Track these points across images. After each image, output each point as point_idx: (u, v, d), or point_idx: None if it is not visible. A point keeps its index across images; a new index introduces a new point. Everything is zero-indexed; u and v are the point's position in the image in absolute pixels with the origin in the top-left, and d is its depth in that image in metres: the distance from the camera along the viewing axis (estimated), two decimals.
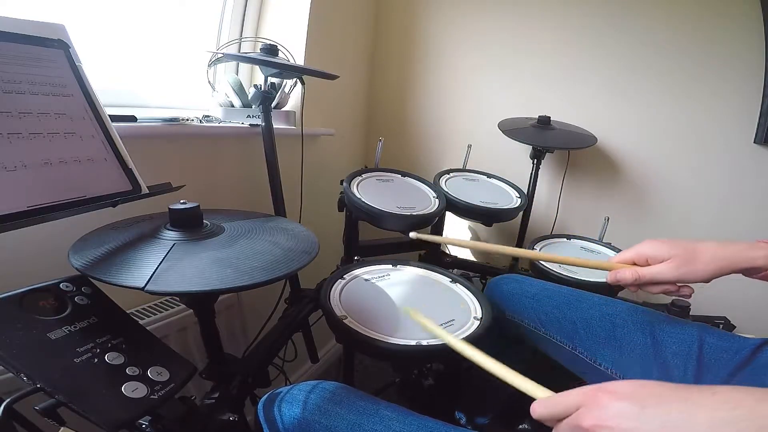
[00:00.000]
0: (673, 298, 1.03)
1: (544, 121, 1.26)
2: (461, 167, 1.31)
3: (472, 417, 0.94)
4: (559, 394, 0.36)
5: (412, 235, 0.58)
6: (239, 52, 1.12)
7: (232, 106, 1.03)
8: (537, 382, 0.39)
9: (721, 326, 1.02)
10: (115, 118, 0.62)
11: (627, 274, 0.58)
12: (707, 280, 0.56)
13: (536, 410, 0.37)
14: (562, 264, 0.65)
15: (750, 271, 0.54)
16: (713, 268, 0.54)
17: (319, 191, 1.30)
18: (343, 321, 0.66)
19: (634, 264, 0.59)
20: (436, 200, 1.06)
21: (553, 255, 0.68)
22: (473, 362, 0.45)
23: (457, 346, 0.47)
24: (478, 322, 0.71)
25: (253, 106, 0.97)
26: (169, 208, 0.57)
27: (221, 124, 0.98)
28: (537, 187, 1.31)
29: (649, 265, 0.58)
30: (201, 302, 0.58)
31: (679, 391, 0.31)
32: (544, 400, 0.37)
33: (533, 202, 1.33)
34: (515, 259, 1.33)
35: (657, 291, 0.59)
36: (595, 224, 1.21)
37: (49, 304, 0.43)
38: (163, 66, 1.01)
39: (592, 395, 0.33)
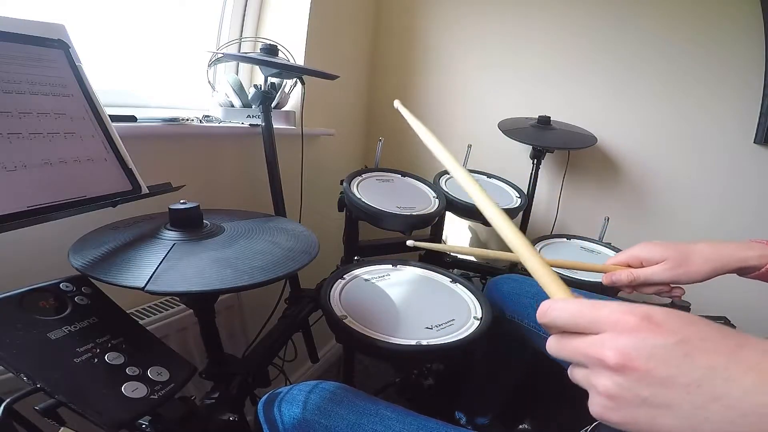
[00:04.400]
0: (673, 299, 1.03)
1: (544, 121, 1.25)
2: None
3: (472, 417, 0.94)
4: (588, 301, 0.28)
5: (410, 243, 0.59)
6: (239, 52, 1.12)
7: (232, 106, 1.03)
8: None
9: None
10: (115, 118, 0.62)
11: (622, 275, 0.59)
12: (701, 281, 0.56)
13: (549, 312, 0.29)
14: (559, 267, 0.66)
15: (743, 271, 0.55)
16: (706, 270, 0.55)
17: (319, 191, 1.30)
18: (343, 321, 0.66)
19: (629, 266, 0.60)
20: (436, 200, 1.06)
21: (550, 259, 0.70)
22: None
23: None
24: (478, 322, 0.71)
25: (253, 106, 0.97)
26: (169, 208, 0.57)
27: (221, 124, 0.98)
28: (537, 187, 1.31)
29: (643, 267, 0.59)
30: (201, 302, 0.58)
31: (730, 341, 0.25)
32: (563, 304, 0.28)
33: (533, 202, 1.33)
34: None
35: (651, 291, 0.60)
36: (595, 224, 1.21)
37: (49, 304, 0.43)
38: (163, 66, 1.01)
39: (630, 320, 0.25)
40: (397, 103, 0.59)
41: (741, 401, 0.23)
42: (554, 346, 0.29)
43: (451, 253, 1.27)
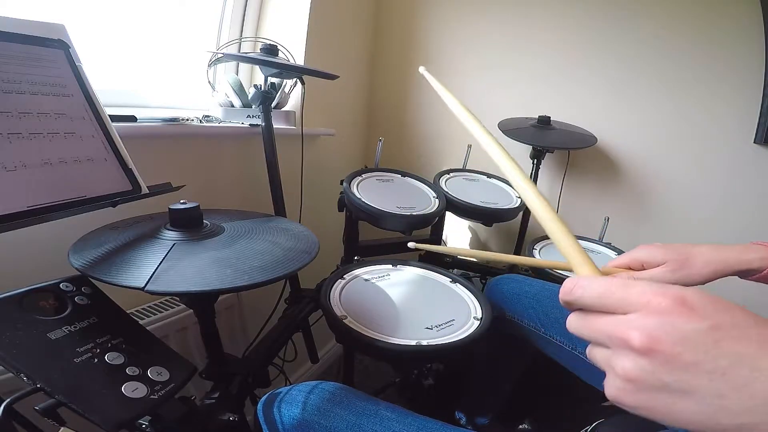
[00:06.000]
0: None
1: (544, 121, 1.26)
2: (461, 167, 1.31)
3: (472, 417, 0.94)
4: (617, 280, 0.26)
5: (411, 245, 0.59)
6: (239, 52, 1.12)
7: (232, 106, 1.03)
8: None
9: None
10: (115, 118, 0.62)
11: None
12: (702, 284, 0.56)
13: (575, 290, 0.27)
14: (558, 269, 0.66)
15: (744, 274, 0.55)
16: (708, 272, 0.55)
17: (319, 191, 1.30)
18: (343, 321, 0.66)
19: (630, 269, 0.60)
20: (436, 200, 1.06)
21: (550, 261, 0.70)
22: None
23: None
24: (478, 322, 0.71)
25: (253, 106, 0.97)
26: (169, 208, 0.57)
27: (221, 124, 0.98)
28: (537, 187, 1.31)
29: (644, 269, 0.58)
30: (201, 302, 0.58)
31: (763, 330, 0.24)
32: (589, 279, 0.27)
33: None
34: None
35: None
36: (595, 224, 1.21)
37: (49, 304, 0.43)
38: (163, 66, 1.01)
39: (662, 301, 0.24)
40: (422, 69, 0.54)
41: (765, 391, 0.22)
42: (575, 323, 0.28)
43: (454, 255, 1.27)
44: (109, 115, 0.58)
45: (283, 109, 1.12)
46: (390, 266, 0.89)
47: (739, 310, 0.25)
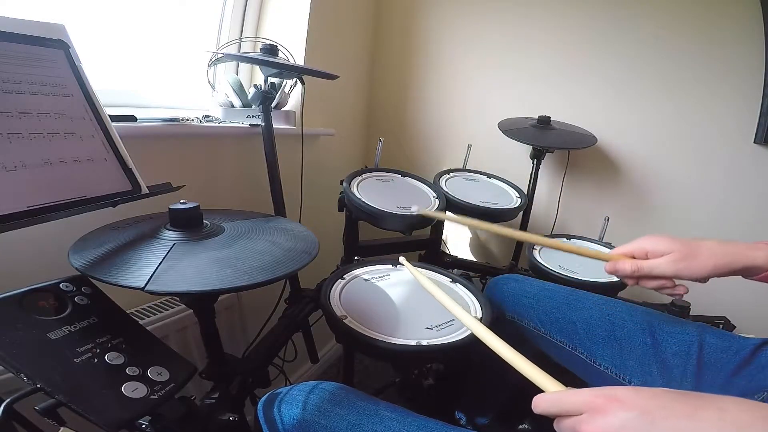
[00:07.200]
0: (673, 298, 1.03)
1: (544, 121, 1.26)
2: (461, 167, 1.31)
3: (472, 417, 0.94)
4: (567, 391, 0.35)
5: (414, 209, 0.60)
6: (239, 52, 1.12)
7: (232, 106, 1.03)
8: (536, 383, 0.38)
9: (721, 326, 1.02)
10: (115, 118, 0.63)
11: (626, 266, 0.58)
12: (704, 278, 0.56)
13: (539, 405, 0.36)
14: (561, 250, 0.66)
15: (749, 271, 0.54)
16: (711, 265, 0.54)
17: (319, 191, 1.30)
18: (343, 321, 0.66)
19: (633, 257, 0.59)
20: (436, 200, 1.06)
21: (554, 241, 0.69)
22: (483, 342, 0.46)
23: (468, 322, 0.49)
24: (478, 322, 0.71)
25: (253, 106, 0.97)
26: (169, 208, 0.57)
27: (221, 124, 0.98)
28: (537, 187, 1.31)
29: (648, 259, 0.58)
30: (201, 302, 0.58)
31: (688, 405, 0.30)
32: (548, 396, 0.36)
33: (533, 202, 1.33)
34: (515, 258, 1.33)
35: (653, 285, 0.59)
36: (595, 224, 1.21)
37: (49, 304, 0.43)
38: (163, 66, 1.01)
39: (599, 401, 0.32)
40: (402, 259, 0.71)
41: None
42: (556, 426, 0.36)
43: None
44: (109, 115, 0.58)
45: (283, 109, 1.12)
46: (390, 266, 0.89)
47: (665, 393, 0.32)
